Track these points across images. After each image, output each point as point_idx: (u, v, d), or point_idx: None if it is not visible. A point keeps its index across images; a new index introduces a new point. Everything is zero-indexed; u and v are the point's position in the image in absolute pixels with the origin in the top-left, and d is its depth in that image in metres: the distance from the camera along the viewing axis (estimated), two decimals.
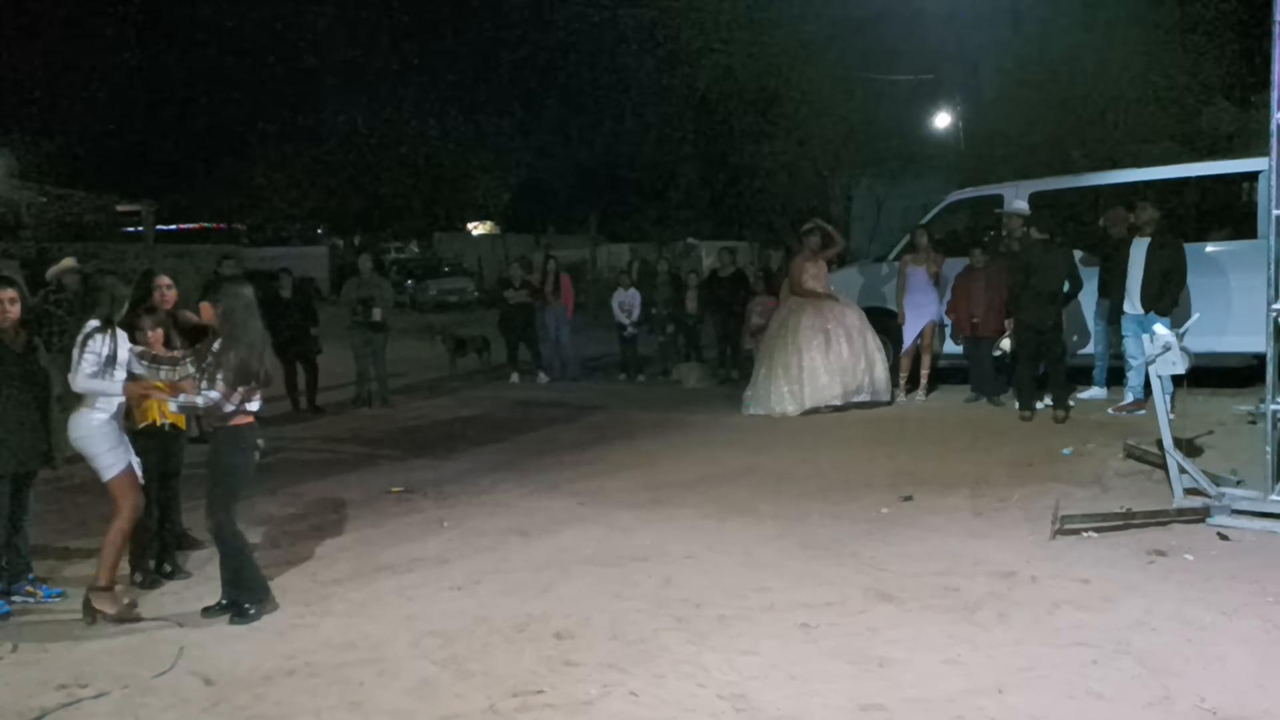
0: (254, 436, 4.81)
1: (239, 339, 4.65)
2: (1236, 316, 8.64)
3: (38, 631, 4.65)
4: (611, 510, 6.50)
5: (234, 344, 4.64)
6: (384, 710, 3.73)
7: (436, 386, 13.31)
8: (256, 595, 4.76)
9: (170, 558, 5.49)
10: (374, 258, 13.58)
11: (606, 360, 14.73)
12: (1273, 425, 5.61)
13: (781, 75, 21.06)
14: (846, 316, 10.13)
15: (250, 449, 4.77)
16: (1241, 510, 5.62)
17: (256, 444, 4.81)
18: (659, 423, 9.86)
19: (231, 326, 4.67)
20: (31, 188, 17.63)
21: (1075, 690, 3.64)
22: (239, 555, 4.79)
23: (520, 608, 4.71)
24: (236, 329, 4.66)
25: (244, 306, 4.72)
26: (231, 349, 4.63)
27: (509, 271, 14.23)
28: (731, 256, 13.69)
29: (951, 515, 6.08)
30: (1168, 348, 6.07)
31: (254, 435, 4.81)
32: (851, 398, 9.94)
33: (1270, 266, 5.58)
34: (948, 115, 23.84)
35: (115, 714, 3.78)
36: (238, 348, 4.63)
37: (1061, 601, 4.52)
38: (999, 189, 11.08)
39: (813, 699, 3.66)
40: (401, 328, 14.88)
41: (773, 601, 4.67)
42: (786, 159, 23.18)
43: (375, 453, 8.86)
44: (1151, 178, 10.10)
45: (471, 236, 44.42)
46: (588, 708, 3.68)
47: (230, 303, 4.71)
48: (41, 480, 5.52)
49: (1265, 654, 3.91)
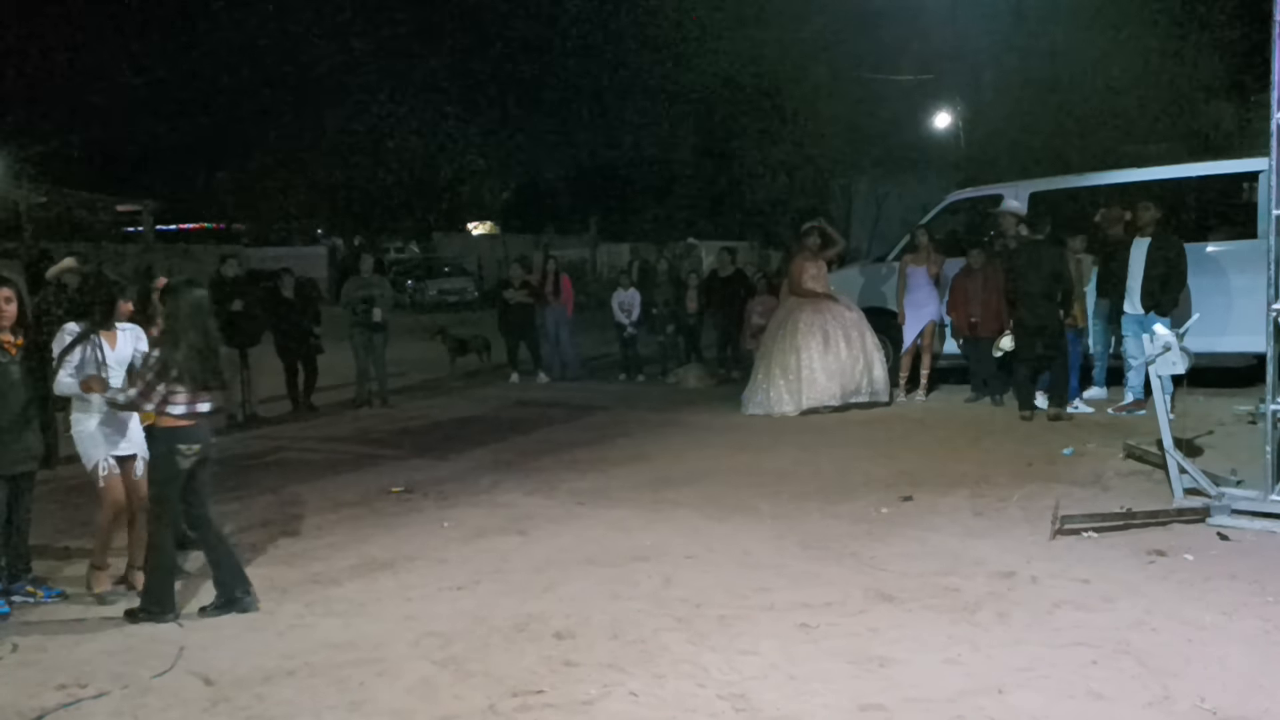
0: (190, 440, 4.70)
1: (176, 341, 4.68)
2: (1236, 316, 8.64)
3: (38, 631, 4.64)
4: (611, 510, 6.50)
5: (170, 345, 4.67)
6: (384, 710, 3.73)
7: (436, 386, 13.30)
8: (155, 605, 4.71)
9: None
10: (374, 258, 13.58)
11: (606, 360, 14.73)
12: (1273, 425, 5.61)
13: (782, 75, 21.08)
14: (846, 317, 10.13)
15: (179, 454, 4.67)
16: (1241, 510, 5.62)
17: (190, 450, 4.70)
18: (659, 423, 9.86)
19: (171, 327, 4.73)
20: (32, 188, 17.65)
21: (1075, 690, 3.64)
22: (158, 556, 4.74)
23: (520, 608, 4.71)
24: (175, 331, 4.70)
25: (188, 309, 4.73)
26: (165, 349, 4.67)
27: (509, 271, 14.22)
28: (731, 256, 13.69)
29: (951, 515, 6.08)
30: (1168, 348, 6.07)
31: (189, 438, 4.70)
32: (850, 398, 9.94)
33: (1270, 266, 5.59)
34: (948, 115, 23.86)
35: (115, 714, 3.78)
36: (173, 349, 4.66)
37: (1061, 601, 4.52)
38: (999, 189, 11.09)
39: (813, 699, 3.66)
40: (401, 328, 14.89)
41: (773, 601, 4.67)
42: (786, 159, 23.21)
43: (375, 453, 8.86)
44: (1151, 178, 10.11)
45: (471, 236, 44.42)
46: (588, 708, 3.68)
47: (172, 305, 4.77)
48: (41, 480, 5.52)
49: (1265, 654, 3.91)
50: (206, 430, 4.84)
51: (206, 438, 4.82)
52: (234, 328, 10.21)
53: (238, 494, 7.25)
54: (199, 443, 4.75)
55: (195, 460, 4.74)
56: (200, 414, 4.77)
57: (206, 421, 4.86)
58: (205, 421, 4.84)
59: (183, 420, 4.69)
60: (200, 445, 4.75)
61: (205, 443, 4.81)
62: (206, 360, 4.73)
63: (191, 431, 4.72)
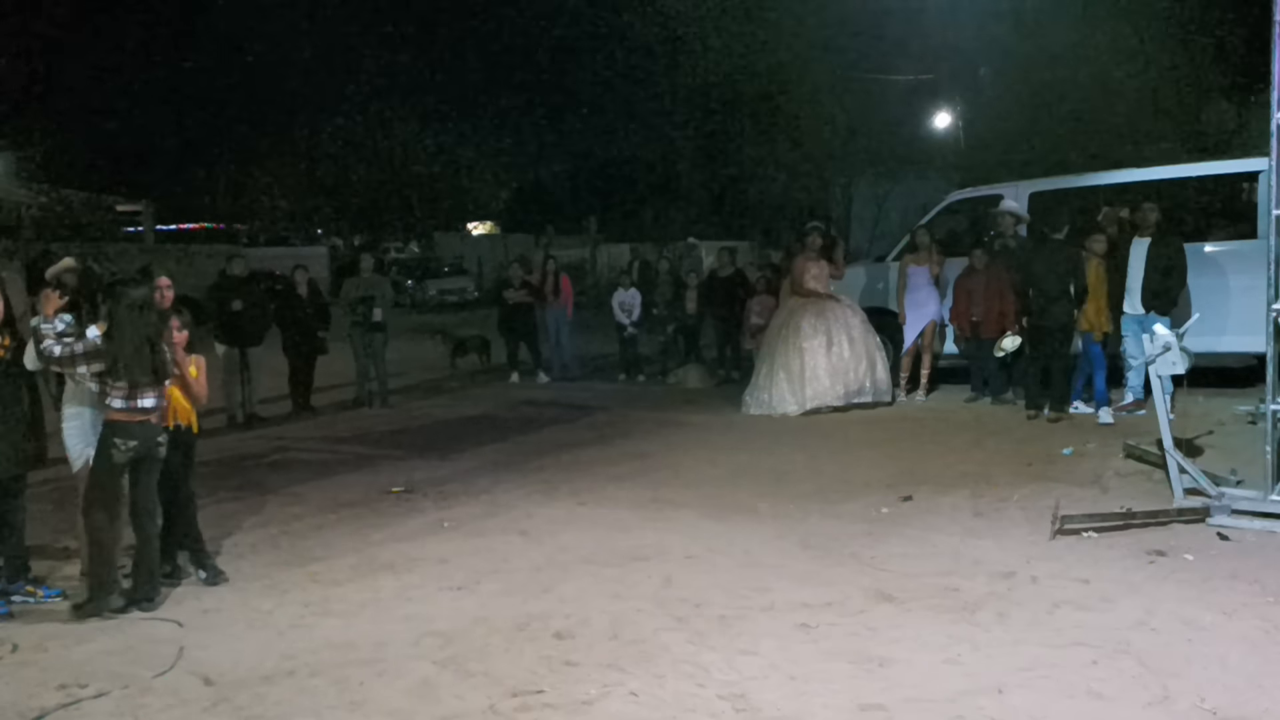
0: (126, 436, 4.80)
1: (113, 336, 4.83)
2: (1236, 316, 8.64)
3: (38, 631, 4.64)
4: (611, 510, 6.50)
5: (108, 339, 4.84)
6: (384, 710, 3.73)
7: (436, 386, 13.30)
8: (96, 591, 4.83)
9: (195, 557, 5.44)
10: (374, 258, 13.57)
11: (606, 360, 14.73)
12: (1273, 425, 5.61)
13: (782, 75, 21.07)
14: (848, 317, 10.13)
15: (115, 448, 4.79)
16: (1241, 510, 5.62)
17: (126, 445, 4.79)
18: (659, 423, 9.86)
19: (111, 325, 4.88)
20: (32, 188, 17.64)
21: (1075, 690, 3.64)
22: (94, 546, 4.86)
23: (520, 608, 4.71)
24: (113, 327, 4.86)
25: (126, 308, 4.86)
26: (106, 342, 4.83)
27: (509, 271, 14.22)
28: (731, 256, 13.68)
29: (951, 515, 6.08)
30: (1168, 348, 6.07)
31: (125, 434, 4.80)
32: (853, 399, 9.94)
33: (1270, 266, 5.59)
34: (948, 115, 23.85)
35: (115, 714, 3.78)
36: (108, 343, 4.82)
37: (1061, 601, 4.52)
38: (999, 189, 11.09)
39: (813, 699, 3.66)
40: (401, 328, 14.89)
41: (773, 601, 4.67)
42: (787, 159, 23.20)
43: (375, 453, 8.86)
44: (1151, 178, 10.11)
45: (471, 236, 44.42)
46: (588, 708, 3.68)
47: (112, 304, 4.92)
48: (40, 480, 5.53)
49: (1265, 654, 3.91)
50: (150, 429, 4.91)
51: (147, 436, 4.89)
52: (235, 327, 10.25)
53: (238, 494, 7.25)
54: (135, 439, 4.83)
55: (131, 456, 4.83)
56: (141, 411, 4.84)
57: (152, 420, 4.92)
58: (150, 420, 4.90)
59: (120, 415, 4.81)
60: (137, 442, 4.83)
61: (144, 440, 4.87)
62: (143, 358, 4.84)
63: (128, 427, 4.82)
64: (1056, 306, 8.85)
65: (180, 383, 5.27)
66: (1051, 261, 8.89)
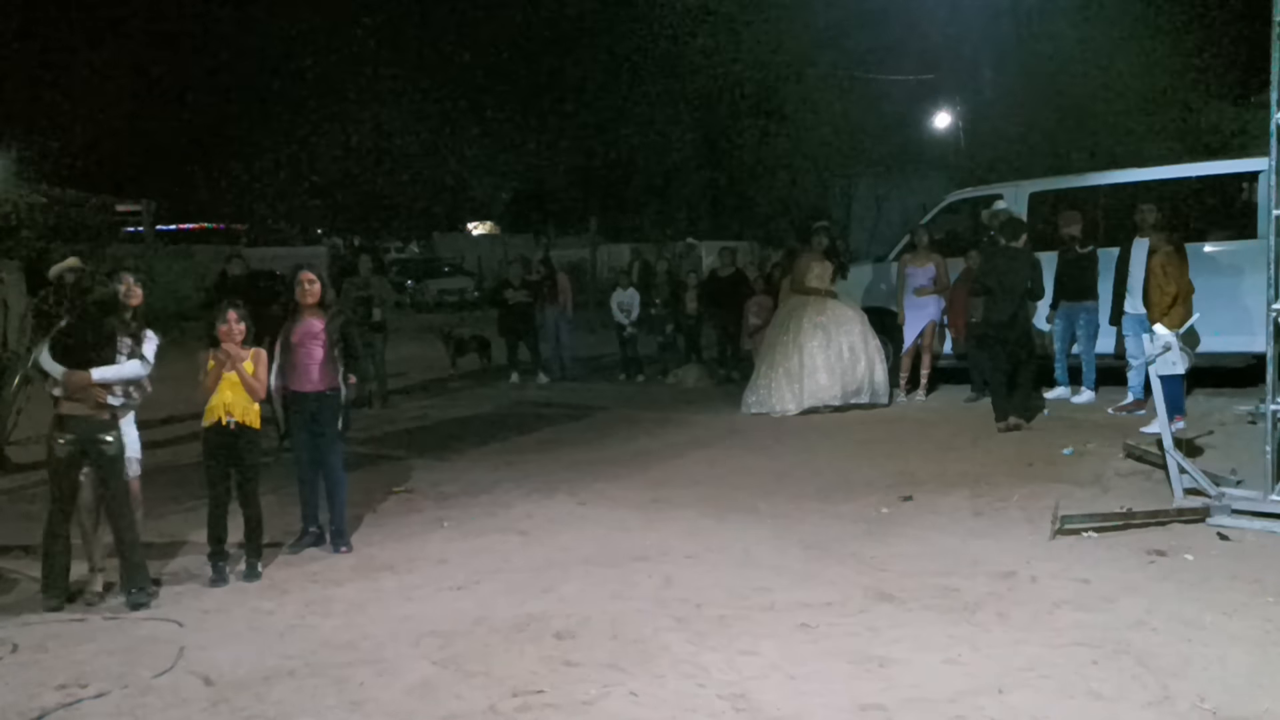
0: (62, 429, 4.87)
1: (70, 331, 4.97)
2: (1236, 316, 8.64)
3: (38, 632, 4.65)
4: (611, 510, 6.50)
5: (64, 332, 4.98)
6: (384, 710, 3.73)
7: (436, 386, 13.30)
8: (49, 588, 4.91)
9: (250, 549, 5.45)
10: (374, 258, 13.54)
11: (606, 360, 14.72)
12: (1273, 425, 5.61)
13: (782, 75, 21.09)
14: (847, 317, 10.11)
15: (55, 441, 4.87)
16: (1241, 510, 5.62)
17: (64, 439, 4.85)
18: (659, 423, 9.86)
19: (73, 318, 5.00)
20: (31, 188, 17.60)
21: (1075, 690, 3.64)
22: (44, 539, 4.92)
23: (520, 608, 4.71)
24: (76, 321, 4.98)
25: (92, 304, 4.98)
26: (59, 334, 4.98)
27: (509, 271, 14.22)
28: (731, 256, 13.68)
29: (951, 515, 6.08)
30: (1168, 348, 6.07)
31: (62, 427, 4.87)
32: (851, 399, 9.93)
33: (1270, 266, 5.59)
34: (948, 115, 23.87)
35: (115, 714, 3.78)
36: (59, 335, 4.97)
37: (1061, 601, 4.52)
38: (999, 189, 11.09)
39: (813, 699, 3.66)
40: (401, 328, 14.88)
41: (773, 601, 4.67)
42: (787, 159, 23.21)
43: (375, 453, 8.85)
44: (1151, 178, 10.10)
45: (471, 236, 44.40)
46: (588, 708, 3.68)
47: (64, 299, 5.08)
48: (40, 480, 5.53)
49: (1265, 654, 3.91)
50: (93, 425, 4.90)
51: (87, 432, 4.89)
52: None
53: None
54: (72, 434, 4.86)
55: (70, 450, 4.86)
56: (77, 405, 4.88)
57: (99, 415, 4.91)
58: (95, 415, 4.90)
59: (61, 409, 4.89)
60: (74, 436, 4.86)
61: (84, 436, 4.88)
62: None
63: (65, 421, 4.88)
64: (1018, 314, 8.78)
65: (239, 377, 5.32)
66: (1010, 268, 8.79)
